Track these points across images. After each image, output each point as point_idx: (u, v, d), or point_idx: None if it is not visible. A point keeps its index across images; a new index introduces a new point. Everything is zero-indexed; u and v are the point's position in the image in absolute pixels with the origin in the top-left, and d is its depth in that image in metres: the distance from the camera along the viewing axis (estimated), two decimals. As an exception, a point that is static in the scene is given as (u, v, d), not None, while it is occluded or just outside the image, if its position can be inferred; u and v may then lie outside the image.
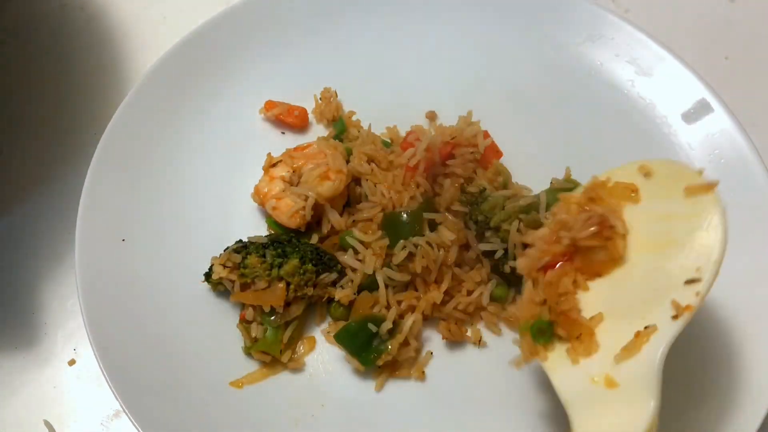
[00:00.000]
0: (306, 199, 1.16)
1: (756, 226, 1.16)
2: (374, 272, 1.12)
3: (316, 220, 1.20)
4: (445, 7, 1.42)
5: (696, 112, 1.28)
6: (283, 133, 1.34)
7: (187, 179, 1.26)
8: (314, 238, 1.18)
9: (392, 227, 1.14)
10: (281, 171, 1.21)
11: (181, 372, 1.08)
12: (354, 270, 1.14)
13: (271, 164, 1.23)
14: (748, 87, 1.46)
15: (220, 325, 1.14)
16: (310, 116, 1.35)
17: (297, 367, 1.12)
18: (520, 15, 1.40)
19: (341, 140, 1.29)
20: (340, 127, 1.31)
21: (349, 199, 1.23)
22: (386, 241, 1.13)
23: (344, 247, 1.16)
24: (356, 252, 1.14)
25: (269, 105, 1.33)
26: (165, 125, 1.28)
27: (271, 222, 1.21)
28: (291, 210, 1.17)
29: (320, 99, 1.35)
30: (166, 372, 1.07)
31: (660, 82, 1.33)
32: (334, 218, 1.19)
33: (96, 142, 1.21)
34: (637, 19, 1.42)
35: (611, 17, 1.37)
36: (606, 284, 0.91)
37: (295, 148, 1.25)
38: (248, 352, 1.12)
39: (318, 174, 1.18)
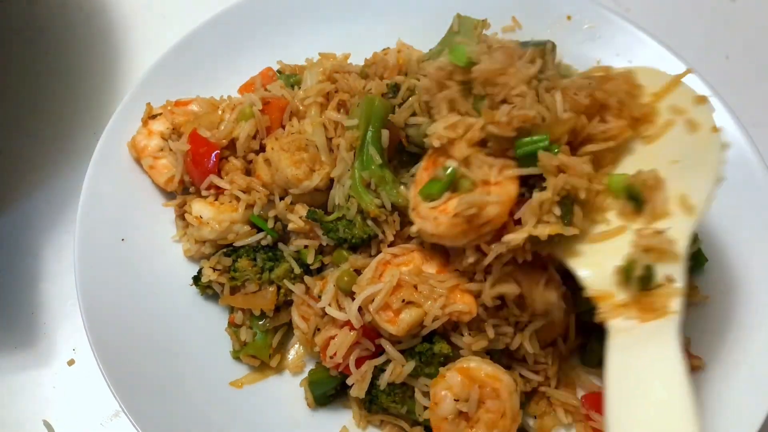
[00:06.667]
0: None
1: (756, 225, 1.16)
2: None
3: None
4: (444, 7, 1.42)
5: (696, 112, 1.27)
6: (282, 132, 1.33)
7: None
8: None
9: None
10: (161, 125, 1.19)
11: (181, 372, 1.08)
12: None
13: (150, 115, 1.19)
14: (749, 87, 1.46)
15: (220, 326, 1.14)
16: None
17: (297, 370, 1.12)
18: (519, 14, 1.40)
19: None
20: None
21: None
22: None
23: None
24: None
25: (269, 104, 1.33)
26: (165, 125, 1.28)
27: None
28: (166, 175, 1.17)
29: None
30: (166, 372, 1.07)
31: (660, 82, 1.32)
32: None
33: (96, 142, 1.21)
34: (638, 18, 1.42)
35: (612, 17, 1.37)
36: None
37: (176, 103, 1.23)
38: (236, 356, 1.11)
39: None
